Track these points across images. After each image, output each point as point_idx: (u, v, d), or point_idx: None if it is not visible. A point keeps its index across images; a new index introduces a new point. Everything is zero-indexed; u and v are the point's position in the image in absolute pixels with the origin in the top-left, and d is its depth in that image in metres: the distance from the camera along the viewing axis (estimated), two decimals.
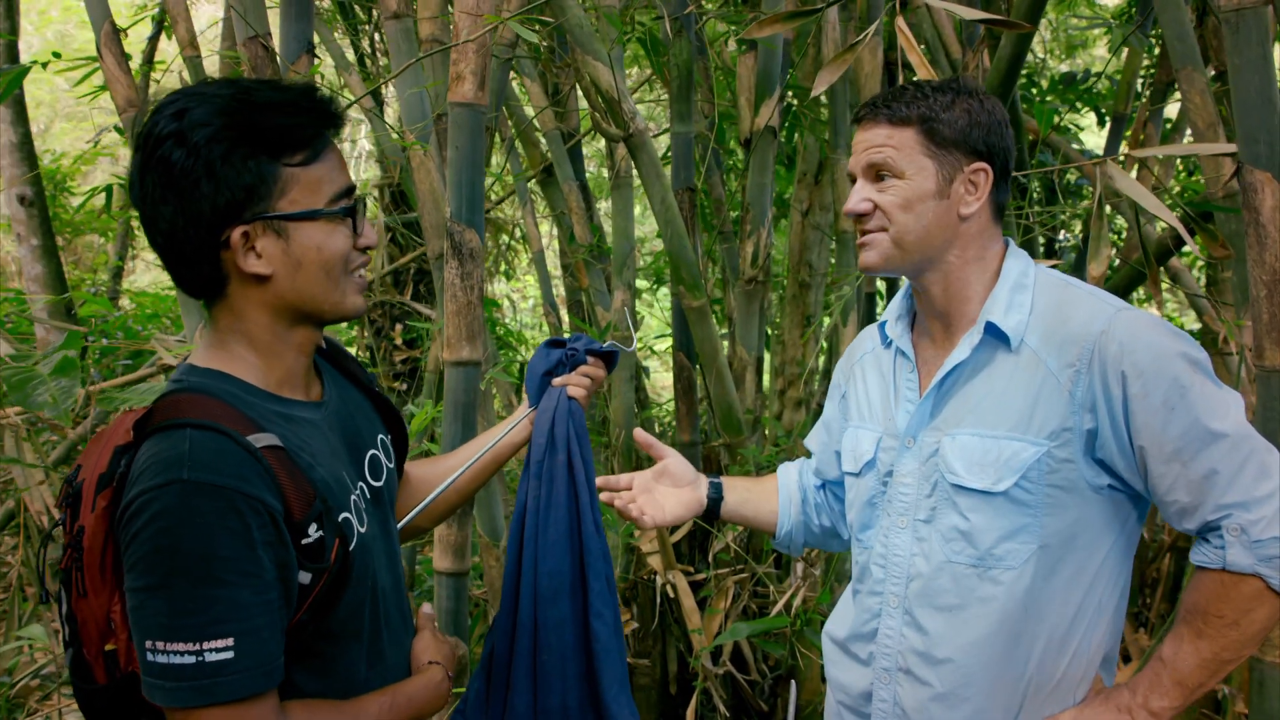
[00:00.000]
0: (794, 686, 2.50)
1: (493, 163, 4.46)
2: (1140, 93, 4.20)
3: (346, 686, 1.21)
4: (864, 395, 1.60)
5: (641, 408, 4.10)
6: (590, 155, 6.58)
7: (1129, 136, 3.93)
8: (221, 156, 1.09)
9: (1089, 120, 5.04)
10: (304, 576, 1.11)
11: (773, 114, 3.15)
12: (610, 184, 3.56)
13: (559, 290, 4.44)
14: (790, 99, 3.81)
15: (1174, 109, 4.25)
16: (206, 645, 1.02)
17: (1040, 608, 1.36)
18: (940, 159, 1.38)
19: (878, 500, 1.52)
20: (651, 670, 3.27)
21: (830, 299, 3.34)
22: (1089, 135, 5.95)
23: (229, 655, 1.03)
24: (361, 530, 1.23)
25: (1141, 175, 3.14)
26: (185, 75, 3.03)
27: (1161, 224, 2.99)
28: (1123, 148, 4.00)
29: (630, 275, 3.43)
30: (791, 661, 2.91)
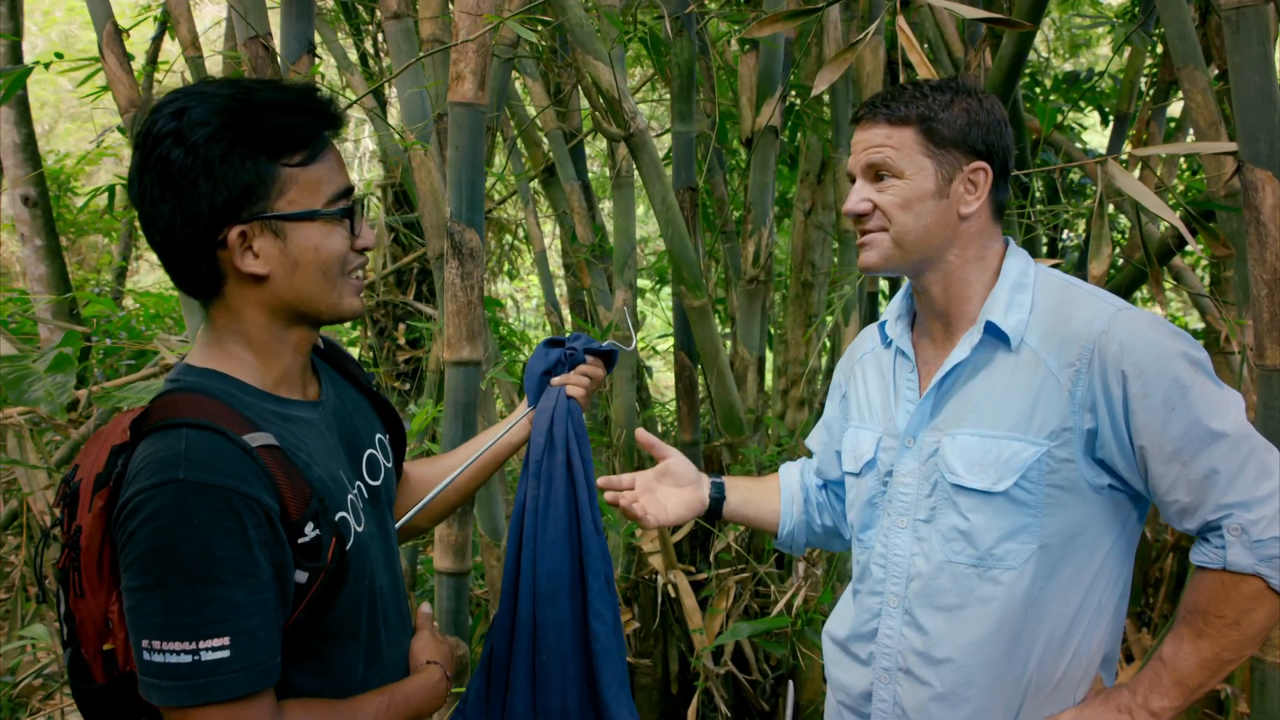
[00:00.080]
0: (792, 686, 2.50)
1: (495, 163, 4.46)
2: (1143, 92, 4.19)
3: (344, 686, 1.21)
4: (864, 395, 1.60)
5: (644, 407, 4.10)
6: (593, 155, 6.58)
7: (1132, 135, 3.92)
8: (220, 156, 1.09)
9: (1093, 119, 5.03)
10: (300, 576, 1.11)
11: (774, 113, 3.14)
12: (612, 184, 3.56)
13: (561, 290, 4.44)
14: (793, 98, 3.81)
15: (1177, 108, 4.24)
16: (203, 644, 1.02)
17: (1040, 608, 1.35)
18: (939, 158, 1.38)
19: (878, 500, 1.52)
20: (653, 670, 3.27)
21: (833, 299, 3.34)
22: (1093, 134, 5.93)
23: (225, 655, 1.03)
24: (358, 529, 1.23)
25: (1144, 174, 3.13)
26: (188, 76, 3.04)
27: (1164, 223, 2.98)
28: (1126, 147, 3.99)
29: (632, 275, 3.43)
30: (793, 661, 2.90)
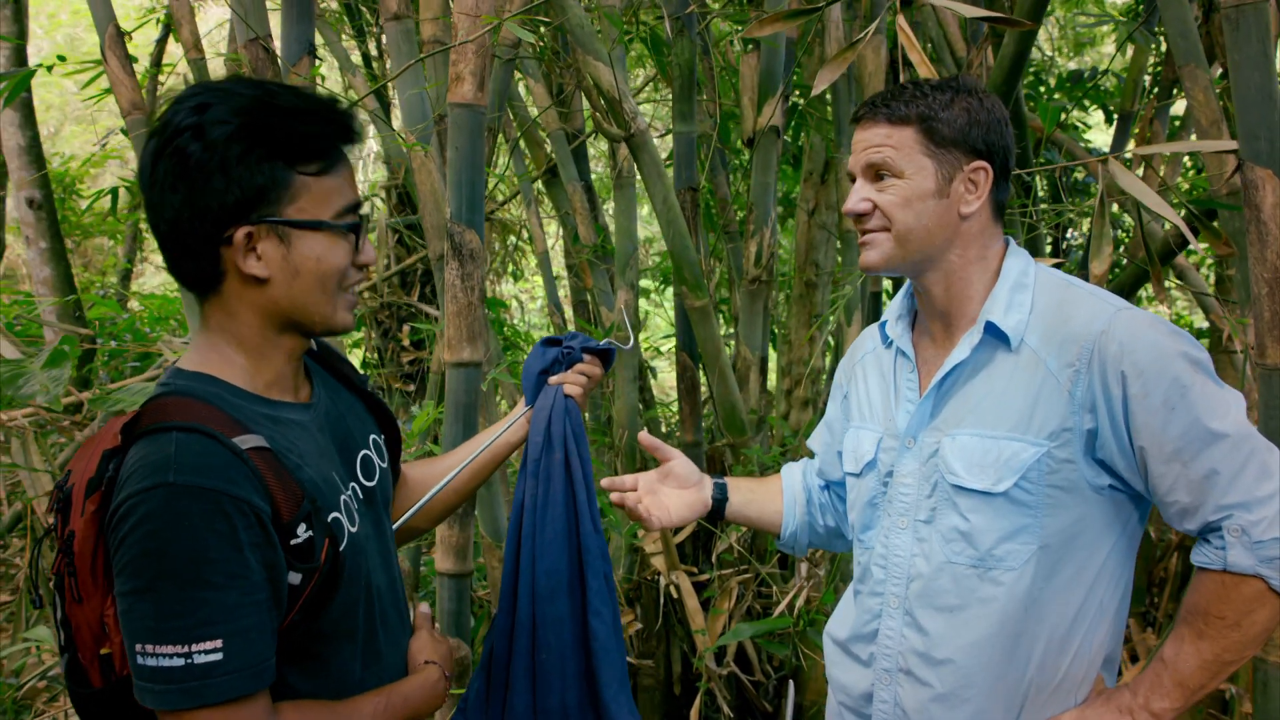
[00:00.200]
0: (792, 687, 2.49)
1: (499, 163, 4.47)
2: (1147, 90, 4.18)
3: (341, 687, 1.22)
4: (865, 395, 1.59)
5: (646, 408, 4.10)
6: (596, 155, 6.58)
7: (1135, 134, 3.91)
8: (238, 156, 1.10)
9: (1097, 118, 5.02)
10: (294, 577, 1.12)
11: (775, 113, 3.14)
12: (613, 184, 3.56)
13: (565, 291, 4.44)
14: (796, 98, 3.80)
15: (1181, 106, 4.23)
16: (195, 647, 1.02)
17: (1041, 608, 1.35)
18: (939, 158, 1.37)
19: (878, 501, 1.51)
20: (655, 671, 3.27)
21: (836, 298, 3.33)
22: (1097, 133, 5.92)
23: (218, 657, 1.03)
24: (352, 530, 1.23)
25: (1147, 173, 3.12)
26: (190, 78, 3.04)
27: (1168, 222, 2.97)
28: (1129, 145, 3.98)
29: (633, 275, 3.43)
30: (795, 662, 2.90)
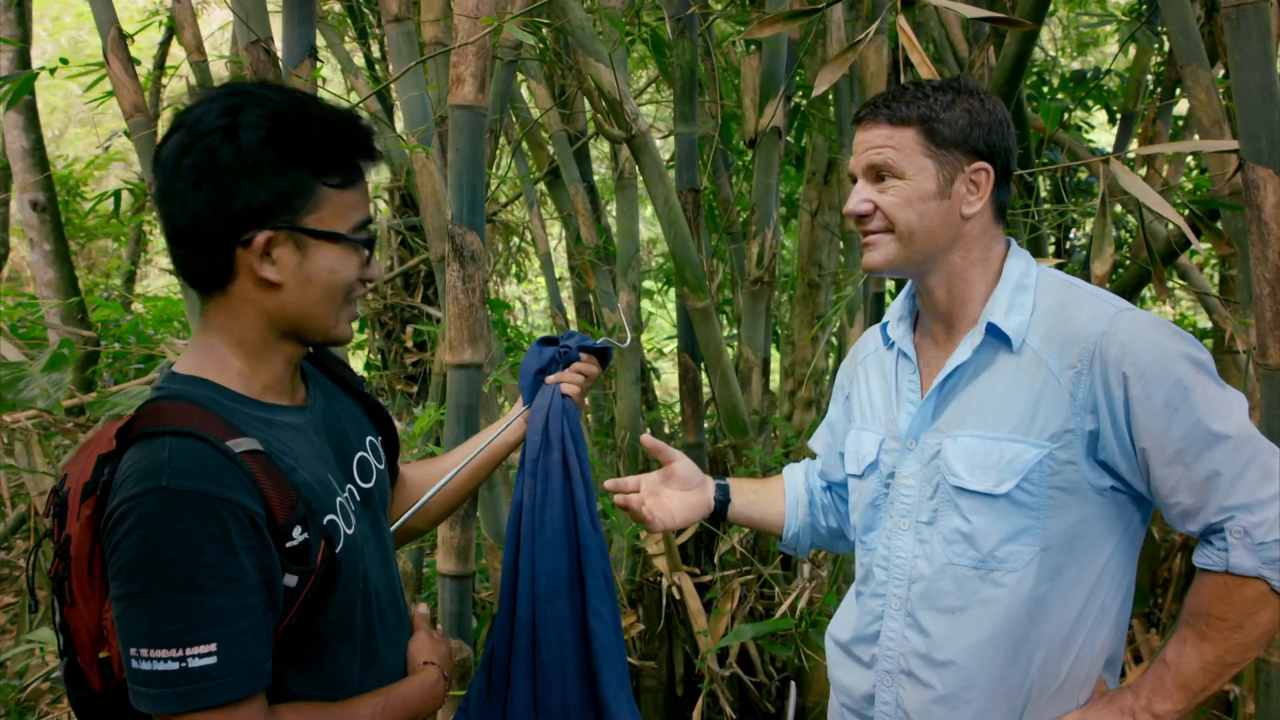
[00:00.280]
0: (794, 688, 2.49)
1: (501, 165, 4.47)
2: (1150, 90, 4.17)
3: (339, 688, 1.22)
4: (866, 397, 1.59)
5: (649, 409, 4.10)
6: (598, 157, 6.58)
7: (1139, 134, 3.90)
8: (269, 162, 1.11)
9: (1100, 118, 5.01)
10: (290, 580, 1.12)
11: (776, 114, 3.14)
12: (615, 185, 3.56)
13: (567, 292, 4.44)
14: (798, 99, 3.80)
15: (1184, 106, 4.22)
16: (189, 651, 1.03)
17: (1043, 610, 1.35)
18: (941, 159, 1.37)
19: (880, 502, 1.51)
20: (658, 672, 3.26)
21: (839, 299, 3.33)
22: (1101, 133, 5.91)
23: (212, 661, 1.04)
24: (349, 532, 1.23)
25: (1150, 173, 3.11)
26: (193, 80, 3.05)
27: (1170, 222, 2.97)
28: (1133, 145, 3.97)
29: (635, 276, 3.42)
30: (798, 663, 2.90)
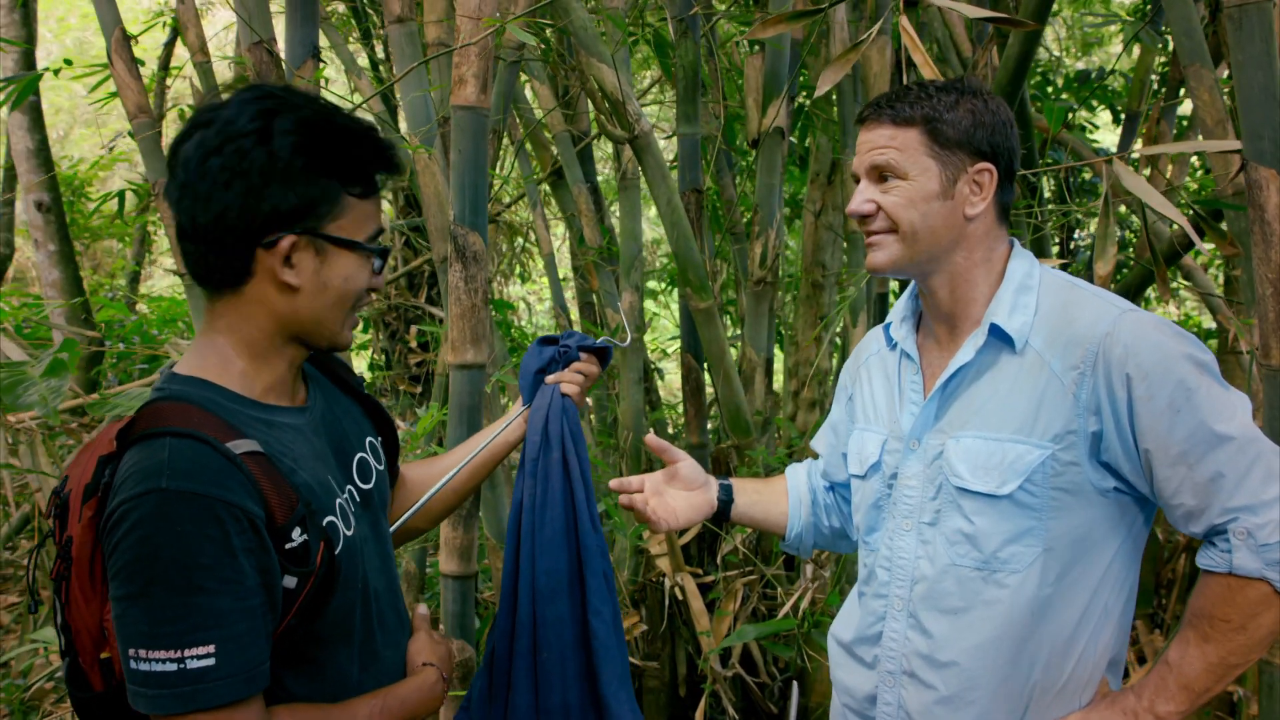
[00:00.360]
0: (796, 689, 2.48)
1: (505, 165, 4.47)
2: (1155, 90, 4.16)
3: (338, 689, 1.22)
4: (869, 397, 1.59)
5: (652, 409, 4.10)
6: (602, 157, 6.58)
7: (1143, 134, 3.89)
8: (300, 168, 1.13)
9: (1105, 118, 5.00)
10: (289, 581, 1.12)
11: (779, 114, 3.13)
12: (618, 186, 3.56)
13: (571, 292, 4.45)
14: (802, 99, 3.80)
15: (1189, 106, 4.21)
16: (188, 652, 1.03)
17: (1045, 611, 1.34)
18: (944, 160, 1.37)
19: (883, 503, 1.51)
20: (660, 673, 3.26)
21: (842, 299, 3.33)
22: (1105, 133, 5.90)
23: (210, 662, 1.04)
24: (348, 533, 1.23)
25: (1154, 174, 3.11)
26: (197, 81, 3.06)
27: (1174, 222, 2.96)
28: (1137, 145, 3.96)
29: (638, 277, 3.42)
30: (801, 664, 2.89)
